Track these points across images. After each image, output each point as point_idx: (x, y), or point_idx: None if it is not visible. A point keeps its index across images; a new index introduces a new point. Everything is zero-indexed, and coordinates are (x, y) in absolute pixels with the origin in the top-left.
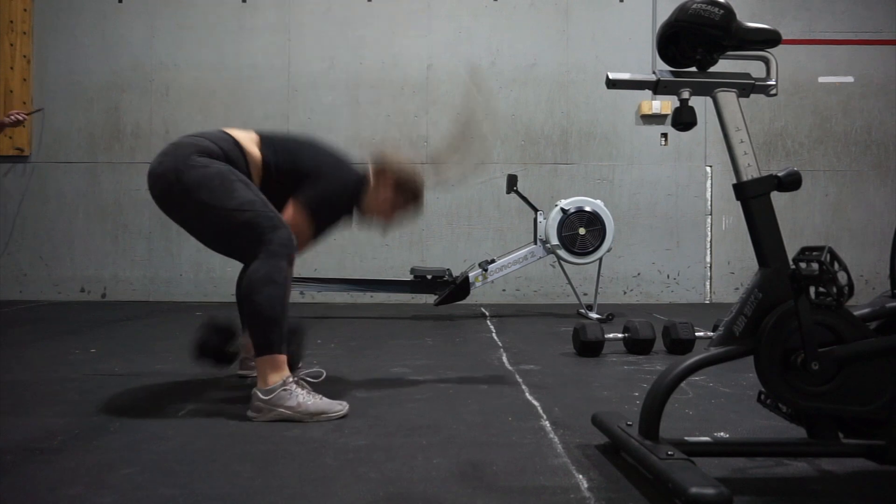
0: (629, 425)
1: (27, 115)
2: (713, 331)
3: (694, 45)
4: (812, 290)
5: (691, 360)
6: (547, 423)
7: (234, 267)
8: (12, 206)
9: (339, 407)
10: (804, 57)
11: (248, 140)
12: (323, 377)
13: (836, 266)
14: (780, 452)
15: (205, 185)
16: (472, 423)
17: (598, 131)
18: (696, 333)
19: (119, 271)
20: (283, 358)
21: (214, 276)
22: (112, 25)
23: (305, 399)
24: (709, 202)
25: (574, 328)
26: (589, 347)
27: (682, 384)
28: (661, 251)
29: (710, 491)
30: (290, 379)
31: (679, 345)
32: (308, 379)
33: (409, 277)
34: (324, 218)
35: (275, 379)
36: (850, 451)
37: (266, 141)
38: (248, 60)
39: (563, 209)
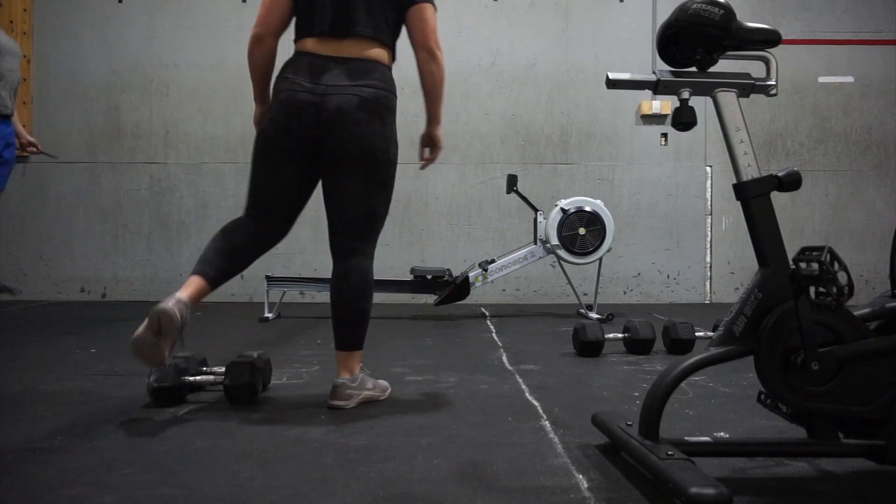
0: (629, 425)
1: (39, 151)
2: (713, 331)
3: (694, 45)
4: (812, 290)
5: (691, 360)
6: (547, 423)
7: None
8: (12, 206)
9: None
10: (804, 57)
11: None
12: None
13: (836, 266)
14: (780, 452)
15: (395, 164)
16: (472, 423)
17: (598, 131)
18: (696, 333)
19: (119, 271)
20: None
21: None
22: (112, 25)
23: (373, 381)
24: (709, 202)
25: (574, 328)
26: (589, 347)
27: (682, 384)
28: (661, 251)
29: (710, 491)
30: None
31: (679, 345)
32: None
33: (409, 277)
34: None
35: (357, 369)
36: (850, 451)
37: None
38: None
39: (563, 209)
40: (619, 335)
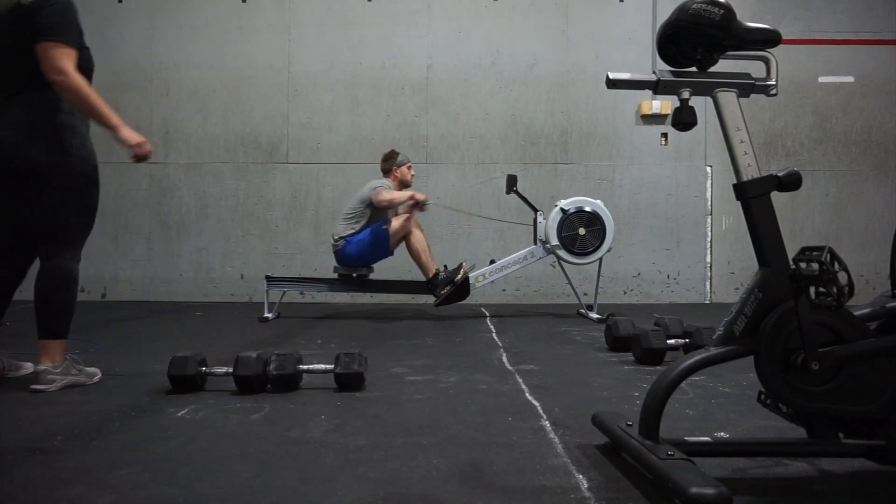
0: (629, 425)
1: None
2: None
3: (694, 45)
4: (812, 290)
5: (691, 360)
6: (547, 423)
7: (234, 267)
8: None
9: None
10: (804, 57)
11: None
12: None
13: (836, 266)
14: (780, 452)
15: None
16: (472, 423)
17: (598, 131)
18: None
19: (119, 271)
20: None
21: (214, 276)
22: (112, 25)
23: (79, 368)
24: (709, 202)
25: (607, 325)
26: (621, 343)
27: (682, 384)
28: (661, 251)
29: (710, 491)
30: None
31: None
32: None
33: (409, 278)
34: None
35: (59, 357)
36: (850, 451)
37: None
38: (248, 60)
39: (562, 209)
40: (681, 341)
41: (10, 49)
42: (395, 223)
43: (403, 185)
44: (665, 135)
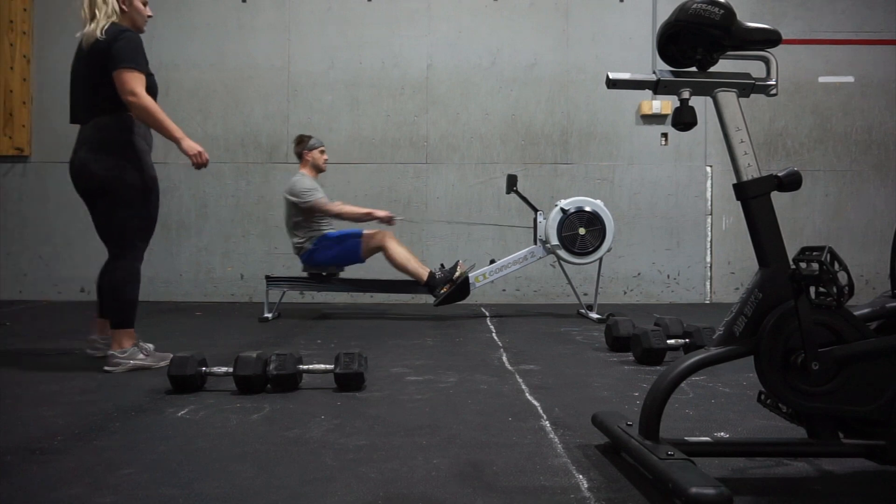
0: (629, 425)
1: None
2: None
3: (694, 44)
4: (812, 290)
5: (691, 360)
6: (547, 423)
7: (234, 267)
8: (12, 206)
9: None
10: (804, 57)
11: None
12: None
13: (836, 266)
14: (780, 452)
15: None
16: (472, 423)
17: (598, 131)
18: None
19: None
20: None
21: (214, 276)
22: None
23: (145, 353)
24: (709, 202)
25: (607, 325)
26: (621, 343)
27: (683, 384)
28: (661, 251)
29: (710, 491)
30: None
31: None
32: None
33: (409, 278)
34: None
35: (127, 343)
36: (850, 451)
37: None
38: (248, 60)
39: (562, 209)
40: (681, 341)
41: (89, 79)
42: (368, 236)
43: (317, 170)
44: (665, 135)
